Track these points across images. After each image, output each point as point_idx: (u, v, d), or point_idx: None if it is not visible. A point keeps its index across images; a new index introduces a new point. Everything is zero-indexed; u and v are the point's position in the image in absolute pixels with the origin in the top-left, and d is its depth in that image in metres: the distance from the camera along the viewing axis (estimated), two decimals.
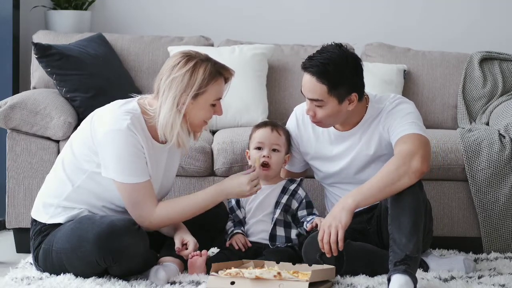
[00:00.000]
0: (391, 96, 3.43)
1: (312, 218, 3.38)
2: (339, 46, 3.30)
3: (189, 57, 3.17)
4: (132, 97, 3.26)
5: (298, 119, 3.54)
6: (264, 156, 3.43)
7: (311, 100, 3.27)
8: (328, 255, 3.11)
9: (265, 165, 3.43)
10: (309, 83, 3.26)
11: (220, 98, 3.21)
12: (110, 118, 3.14)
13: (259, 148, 3.45)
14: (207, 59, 3.18)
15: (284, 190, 3.45)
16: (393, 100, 3.39)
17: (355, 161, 3.41)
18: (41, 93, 3.98)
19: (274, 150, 3.44)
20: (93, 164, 3.14)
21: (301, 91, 3.31)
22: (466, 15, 5.05)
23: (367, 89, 3.52)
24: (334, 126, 3.44)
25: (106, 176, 3.12)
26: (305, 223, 3.39)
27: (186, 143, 3.22)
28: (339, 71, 3.23)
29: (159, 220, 3.16)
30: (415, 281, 2.97)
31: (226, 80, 3.23)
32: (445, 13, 5.06)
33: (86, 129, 3.18)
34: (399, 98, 3.41)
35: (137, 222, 3.10)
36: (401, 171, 3.13)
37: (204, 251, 3.24)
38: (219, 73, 3.18)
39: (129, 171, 3.10)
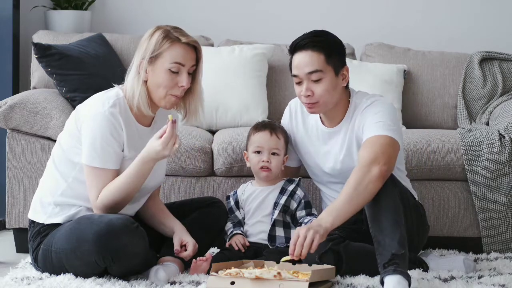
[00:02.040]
0: (369, 94, 3.42)
1: (310, 219, 3.38)
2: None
3: (154, 28, 3.21)
4: (113, 86, 3.27)
5: (292, 112, 3.55)
6: (263, 161, 3.43)
7: (309, 74, 3.27)
8: (295, 258, 3.01)
9: (265, 168, 3.44)
10: (304, 57, 3.29)
11: (180, 64, 3.16)
12: (93, 103, 3.17)
13: (258, 152, 3.45)
14: (169, 27, 3.20)
15: (282, 191, 3.45)
16: (368, 98, 3.38)
17: (340, 169, 3.41)
18: (41, 93, 3.98)
19: (273, 154, 3.44)
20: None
21: (293, 75, 3.32)
22: (466, 15, 5.06)
23: (367, 89, 3.53)
24: (321, 120, 3.43)
25: (81, 160, 3.14)
26: (303, 224, 3.39)
27: (144, 110, 3.17)
28: (330, 39, 3.32)
29: (102, 204, 3.12)
30: (408, 277, 2.96)
31: (195, 48, 3.19)
32: (445, 13, 5.06)
33: (71, 122, 3.20)
34: (374, 96, 3.40)
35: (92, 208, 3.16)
36: (364, 183, 3.09)
37: (209, 255, 3.23)
38: (176, 37, 3.16)
39: (94, 153, 3.10)
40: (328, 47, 3.29)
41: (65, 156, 3.19)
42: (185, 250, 3.25)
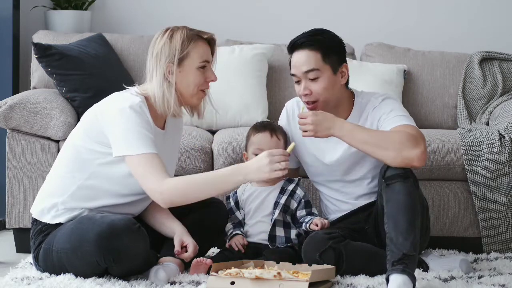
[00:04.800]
0: (376, 93, 3.44)
1: (311, 219, 3.38)
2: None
3: (165, 29, 3.19)
4: (126, 88, 3.25)
5: (289, 114, 3.55)
6: None
7: (306, 73, 3.30)
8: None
9: None
10: (301, 56, 3.31)
11: (207, 61, 3.19)
12: (120, 99, 3.13)
13: (257, 154, 3.43)
14: (183, 27, 3.20)
15: (282, 191, 3.45)
16: (378, 96, 3.41)
17: (344, 159, 3.41)
18: (41, 93, 3.98)
19: None
20: (99, 155, 3.12)
21: (292, 74, 3.35)
22: (466, 15, 5.06)
23: (367, 90, 3.53)
24: None
25: (117, 155, 3.06)
26: (303, 223, 3.39)
27: (177, 114, 3.17)
28: (329, 38, 3.34)
29: (170, 192, 3.02)
30: (413, 280, 2.97)
31: (209, 42, 3.22)
32: (445, 13, 5.06)
33: (90, 121, 3.16)
34: (384, 94, 3.44)
35: (149, 196, 3.07)
36: (396, 146, 3.15)
37: (209, 261, 3.22)
38: (197, 35, 3.18)
39: (138, 141, 3.03)
40: (325, 46, 3.30)
41: (79, 157, 3.16)
42: (186, 251, 3.24)
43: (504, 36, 5.02)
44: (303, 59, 3.31)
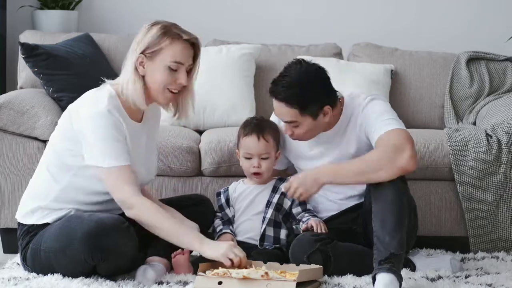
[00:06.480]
0: (362, 95, 3.41)
1: (308, 219, 3.37)
2: (299, 63, 3.30)
3: (151, 23, 3.18)
4: (104, 81, 3.24)
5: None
6: (254, 167, 3.41)
7: (287, 122, 3.29)
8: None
9: (256, 173, 3.43)
10: (279, 108, 3.29)
11: (180, 63, 3.15)
12: (88, 103, 3.13)
13: (248, 158, 3.43)
14: (168, 23, 3.17)
15: (274, 189, 3.44)
16: (365, 97, 3.38)
17: (336, 161, 3.41)
18: (28, 93, 3.97)
19: (263, 158, 3.42)
20: (79, 157, 3.11)
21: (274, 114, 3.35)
22: (454, 15, 5.07)
23: (354, 89, 3.53)
24: None
25: (89, 163, 3.08)
26: (301, 222, 3.38)
27: (140, 105, 3.15)
28: (304, 91, 3.24)
29: (137, 212, 3.07)
30: (400, 279, 2.97)
31: (193, 45, 3.19)
32: (432, 13, 5.07)
33: (65, 123, 3.17)
34: (371, 95, 3.41)
35: (121, 207, 3.10)
36: (383, 163, 3.14)
37: (186, 250, 3.21)
38: (178, 35, 3.14)
39: (110, 154, 3.05)
40: (302, 101, 3.24)
41: (59, 159, 3.16)
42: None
43: (491, 36, 5.03)
44: (281, 111, 3.28)
